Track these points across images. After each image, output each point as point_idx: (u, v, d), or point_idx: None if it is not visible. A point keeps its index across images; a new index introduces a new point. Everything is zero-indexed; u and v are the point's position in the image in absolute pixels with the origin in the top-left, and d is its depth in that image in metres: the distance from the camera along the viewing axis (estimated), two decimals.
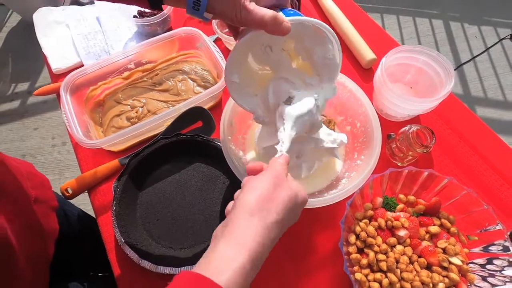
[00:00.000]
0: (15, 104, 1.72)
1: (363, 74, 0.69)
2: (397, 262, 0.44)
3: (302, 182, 0.52)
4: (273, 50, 0.43)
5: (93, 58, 0.72)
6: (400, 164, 0.58)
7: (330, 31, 0.40)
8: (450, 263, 0.44)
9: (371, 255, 0.44)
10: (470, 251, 0.47)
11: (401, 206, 0.50)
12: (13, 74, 1.82)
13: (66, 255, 0.59)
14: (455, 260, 0.44)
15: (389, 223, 0.47)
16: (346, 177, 0.52)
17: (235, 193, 0.35)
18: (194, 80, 0.67)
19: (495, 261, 0.45)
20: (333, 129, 0.58)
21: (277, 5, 0.40)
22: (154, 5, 0.38)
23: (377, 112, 0.61)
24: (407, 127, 0.54)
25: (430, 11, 1.90)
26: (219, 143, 0.55)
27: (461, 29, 1.83)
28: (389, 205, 0.50)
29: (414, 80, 0.62)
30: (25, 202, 0.49)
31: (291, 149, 0.45)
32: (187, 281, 0.27)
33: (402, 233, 0.46)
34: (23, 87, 1.77)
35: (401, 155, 0.57)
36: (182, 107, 0.57)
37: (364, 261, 0.45)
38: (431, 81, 0.58)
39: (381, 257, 0.44)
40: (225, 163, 0.49)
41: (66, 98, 0.58)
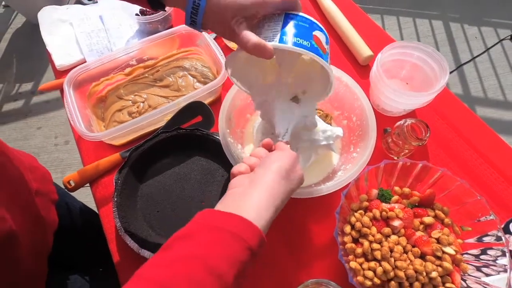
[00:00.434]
0: (19, 103, 1.74)
1: (360, 70, 0.70)
2: (391, 251, 0.45)
3: None
4: None
5: (95, 55, 0.73)
6: (396, 158, 0.59)
7: (314, 56, 0.38)
8: (443, 252, 0.45)
9: (366, 244, 0.45)
10: (464, 241, 0.48)
11: (396, 197, 0.50)
12: (18, 74, 1.85)
13: (67, 247, 0.60)
14: (449, 249, 0.45)
15: (384, 213, 0.48)
16: (342, 169, 0.53)
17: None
18: (194, 76, 0.69)
19: (489, 252, 0.46)
20: (330, 123, 0.59)
21: (282, 9, 0.39)
22: (155, 6, 0.42)
23: (374, 107, 0.62)
24: (402, 121, 0.54)
25: (430, 12, 1.91)
26: (218, 137, 0.56)
27: (461, 30, 1.84)
28: (384, 197, 0.51)
29: (409, 75, 0.63)
30: (27, 193, 0.50)
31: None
32: (235, 221, 0.31)
33: (396, 223, 0.47)
34: (27, 87, 1.79)
35: (397, 149, 0.58)
36: (182, 102, 0.59)
37: (359, 250, 0.45)
38: (426, 76, 0.59)
39: (376, 246, 0.45)
40: (224, 156, 0.50)
41: (69, 92, 0.59)
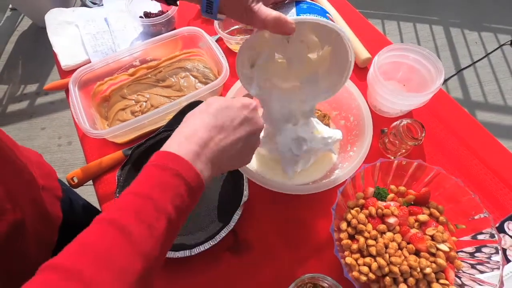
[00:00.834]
0: (23, 104, 1.77)
1: (359, 72, 0.71)
2: (386, 247, 0.46)
3: (297, 174, 0.55)
4: (290, 41, 0.43)
5: (100, 56, 0.75)
6: (393, 157, 0.60)
7: (334, 26, 0.39)
8: (437, 249, 0.46)
9: (361, 240, 0.46)
10: (458, 239, 0.49)
11: (391, 195, 0.51)
12: (23, 76, 1.88)
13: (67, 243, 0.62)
14: (443, 246, 0.46)
15: (380, 211, 0.49)
16: (339, 167, 0.54)
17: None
18: (196, 77, 0.70)
19: (483, 249, 0.47)
20: (328, 124, 0.61)
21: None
22: (170, 2, 0.42)
23: (371, 108, 0.64)
24: (398, 121, 0.56)
25: (430, 17, 1.93)
26: None
27: (461, 35, 1.85)
28: (380, 195, 0.52)
29: (406, 77, 0.64)
30: (35, 188, 0.52)
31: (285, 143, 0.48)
32: (160, 156, 0.32)
33: (391, 220, 0.48)
34: (32, 88, 1.82)
35: (394, 149, 0.59)
36: (183, 101, 0.60)
37: (354, 246, 0.46)
38: (423, 78, 0.60)
39: (371, 242, 0.46)
40: None
41: (74, 91, 0.61)
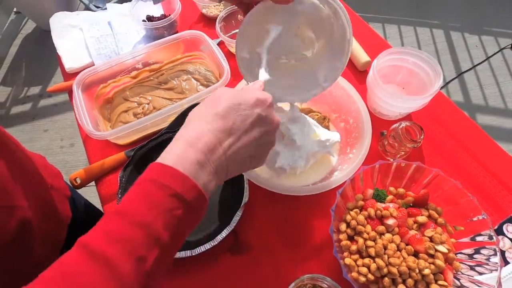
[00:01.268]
0: (26, 106, 1.78)
1: (359, 76, 0.72)
2: (385, 248, 0.46)
3: (297, 176, 0.55)
4: (284, 35, 0.44)
5: (103, 59, 0.76)
6: (392, 160, 0.60)
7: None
8: (436, 250, 0.46)
9: (360, 241, 0.47)
10: (457, 241, 0.49)
11: (390, 197, 0.52)
12: (26, 78, 1.90)
13: (74, 242, 0.62)
14: (441, 248, 0.46)
15: (379, 212, 0.49)
16: (339, 169, 0.55)
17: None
18: (197, 79, 0.71)
19: (482, 251, 0.47)
20: (328, 126, 0.61)
21: None
22: None
23: (371, 111, 0.64)
24: (397, 124, 0.56)
25: (430, 21, 1.94)
26: None
27: (462, 39, 1.86)
28: (379, 197, 0.52)
29: (405, 80, 0.65)
30: (44, 187, 0.52)
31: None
32: (155, 169, 0.31)
33: (390, 221, 0.48)
34: (35, 90, 1.84)
35: (394, 151, 0.59)
36: (185, 103, 0.61)
37: (353, 247, 0.47)
38: (422, 82, 0.61)
39: (370, 243, 0.46)
40: None
41: (78, 93, 0.62)
